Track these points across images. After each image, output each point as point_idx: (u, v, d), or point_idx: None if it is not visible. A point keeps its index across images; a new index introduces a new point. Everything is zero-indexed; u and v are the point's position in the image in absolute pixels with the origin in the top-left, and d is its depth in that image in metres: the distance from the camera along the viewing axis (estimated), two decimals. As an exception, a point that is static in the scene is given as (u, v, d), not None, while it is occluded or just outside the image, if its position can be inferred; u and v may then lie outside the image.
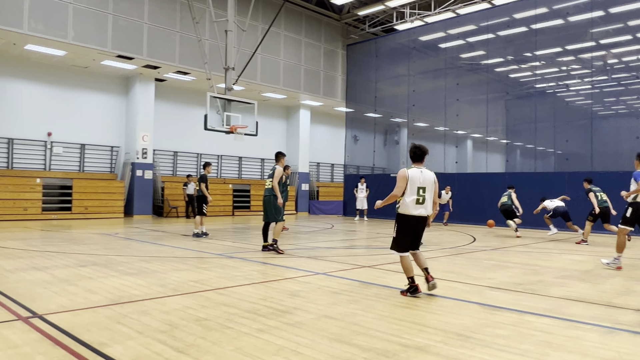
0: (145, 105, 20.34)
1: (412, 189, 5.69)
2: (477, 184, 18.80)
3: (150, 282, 6.26)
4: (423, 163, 5.88)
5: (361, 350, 3.74)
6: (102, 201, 18.99)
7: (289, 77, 22.78)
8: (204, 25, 18.77)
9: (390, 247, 6.04)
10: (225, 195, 22.98)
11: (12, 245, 9.89)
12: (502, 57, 20.27)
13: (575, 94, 18.99)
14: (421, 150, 5.86)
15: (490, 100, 19.82)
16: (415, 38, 22.15)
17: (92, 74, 19.85)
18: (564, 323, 4.66)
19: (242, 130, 15.43)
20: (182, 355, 3.58)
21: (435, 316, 4.83)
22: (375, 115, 23.96)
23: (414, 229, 5.83)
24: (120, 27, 17.32)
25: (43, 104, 18.65)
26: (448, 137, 21.08)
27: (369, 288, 6.17)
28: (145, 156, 20.21)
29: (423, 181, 5.72)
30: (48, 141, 18.79)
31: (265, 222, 9.77)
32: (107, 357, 3.51)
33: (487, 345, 3.92)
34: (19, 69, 18.03)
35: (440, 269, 7.84)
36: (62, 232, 13.20)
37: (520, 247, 11.43)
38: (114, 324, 4.35)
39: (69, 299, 5.29)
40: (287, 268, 7.72)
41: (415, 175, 5.71)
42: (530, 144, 19.42)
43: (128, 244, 10.70)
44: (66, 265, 7.48)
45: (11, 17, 14.90)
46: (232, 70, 16.27)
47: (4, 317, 4.53)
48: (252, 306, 5.07)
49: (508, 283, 6.69)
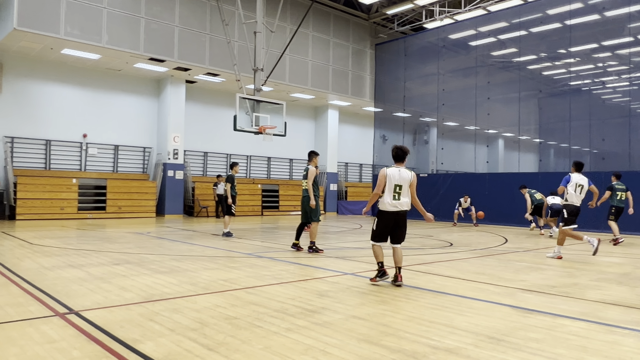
0: (176, 106, 20.72)
1: (390, 187, 6.29)
2: (509, 184, 18.41)
3: (181, 281, 6.37)
4: (403, 163, 6.48)
5: (390, 352, 3.71)
6: (135, 201, 19.43)
7: (317, 78, 22.82)
8: (233, 27, 18.99)
9: (370, 238, 6.66)
10: (254, 195, 23.19)
11: (50, 244, 10.22)
12: (535, 54, 19.80)
13: (612, 91, 18.41)
14: (402, 152, 6.47)
15: (522, 98, 19.39)
16: (445, 36, 21.87)
17: (125, 77, 20.34)
18: (600, 327, 4.52)
19: (271, 130, 15.54)
20: (212, 352, 3.63)
21: (466, 318, 4.75)
22: (404, 114, 23.76)
23: (392, 223, 6.39)
24: (152, 31, 17.69)
25: (78, 106, 19.21)
26: (479, 136, 20.73)
27: (398, 289, 6.12)
28: (176, 157, 20.59)
29: (399, 179, 6.31)
30: (83, 142, 19.35)
31: (302, 222, 9.79)
32: (139, 354, 3.58)
33: (520, 349, 3.83)
34: (56, 73, 18.63)
35: (470, 270, 7.72)
36: (97, 231, 13.56)
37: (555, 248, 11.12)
38: (147, 321, 4.44)
39: (104, 296, 5.43)
40: (316, 268, 7.73)
41: (394, 174, 6.33)
42: (564, 143, 18.90)
43: (160, 242, 10.91)
44: (101, 263, 7.68)
45: (49, 23, 15.41)
46: (261, 71, 16.42)
47: (42, 312, 4.68)
48: (281, 305, 5.10)
49: (541, 285, 6.53)
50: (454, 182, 19.99)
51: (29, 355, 3.49)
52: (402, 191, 6.31)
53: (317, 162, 9.93)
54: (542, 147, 20.48)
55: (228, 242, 11.28)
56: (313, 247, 9.47)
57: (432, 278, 6.96)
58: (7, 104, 17.56)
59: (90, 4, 16.26)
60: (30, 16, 15.04)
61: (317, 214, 9.56)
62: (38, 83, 18.27)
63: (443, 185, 20.50)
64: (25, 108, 17.98)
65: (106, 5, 16.63)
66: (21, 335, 3.96)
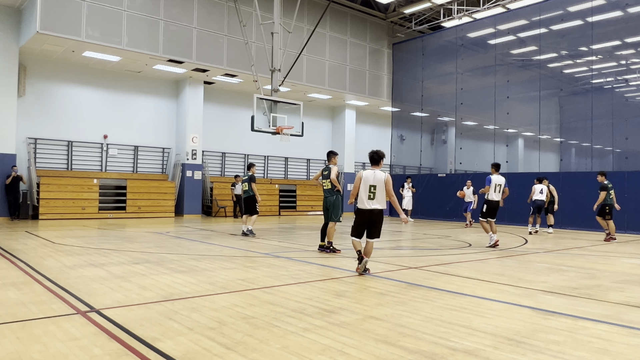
0: (195, 107, 20.92)
1: (365, 187, 6.94)
2: (529, 184, 18.12)
3: (199, 280, 6.43)
4: (379, 166, 7.12)
5: (407, 353, 3.69)
6: (154, 201, 19.67)
7: (335, 78, 22.81)
8: (250, 28, 19.10)
9: (350, 233, 7.28)
10: (272, 195, 23.28)
11: (72, 243, 10.40)
12: (556, 52, 19.51)
13: (635, 89, 18.03)
14: (378, 156, 7.14)
15: (543, 97, 19.11)
16: (463, 35, 21.67)
17: (145, 78, 20.61)
18: (623, 330, 4.43)
19: (288, 131, 15.58)
20: (230, 351, 3.65)
21: (485, 320, 4.69)
22: (422, 114, 23.61)
23: (367, 220, 7.00)
24: (170, 33, 17.89)
25: (99, 108, 19.53)
26: (498, 135, 20.49)
27: (416, 289, 6.08)
28: (194, 157, 20.78)
29: (374, 180, 6.93)
30: (104, 143, 19.65)
31: (325, 222, 9.80)
32: (159, 352, 3.62)
33: (540, 351, 3.77)
34: (77, 75, 18.96)
35: (489, 271, 7.64)
36: (117, 231, 13.76)
37: (576, 249, 10.96)
38: (166, 319, 4.48)
39: (124, 294, 5.51)
40: (333, 268, 7.73)
41: (369, 175, 6.99)
42: (586, 142, 18.57)
43: (179, 242, 11.02)
44: (121, 263, 7.79)
45: (70, 26, 15.70)
46: (278, 71, 16.47)
47: (64, 310, 4.77)
48: (298, 305, 5.11)
49: (562, 287, 6.42)
50: (472, 182, 19.78)
51: (51, 353, 3.56)
52: (377, 191, 6.91)
53: (337, 162, 9.98)
54: (563, 147, 20.15)
55: (246, 242, 11.34)
56: (330, 247, 9.47)
57: (451, 279, 6.90)
58: (30, 106, 17.94)
59: (111, 7, 16.51)
60: (53, 20, 15.33)
61: (338, 214, 9.54)
62: (60, 85, 18.62)
63: (462, 185, 20.29)
64: (48, 110, 18.34)
65: (126, 8, 16.87)
66: (44, 332, 4.04)
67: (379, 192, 6.93)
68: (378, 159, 7.12)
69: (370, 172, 7.02)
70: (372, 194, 6.90)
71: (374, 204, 6.91)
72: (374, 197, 6.90)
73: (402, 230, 16.06)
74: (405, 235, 14.29)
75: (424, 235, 14.21)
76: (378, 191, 6.91)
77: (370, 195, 6.90)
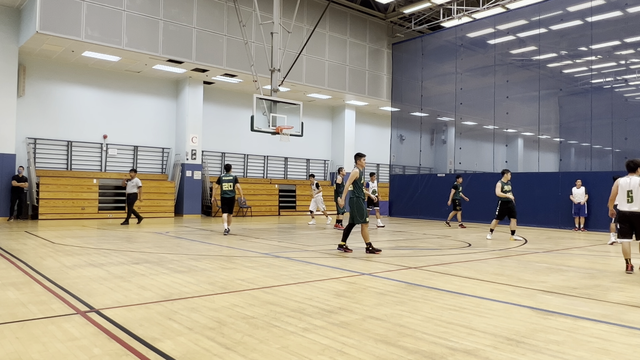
0: (194, 107, 20.91)
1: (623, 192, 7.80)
2: (528, 184, 18.16)
3: (199, 280, 6.43)
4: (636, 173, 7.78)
5: (407, 353, 3.69)
6: (154, 201, 19.64)
7: (334, 78, 22.81)
8: (250, 28, 19.10)
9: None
10: (271, 195, 23.27)
11: (71, 243, 10.40)
12: (555, 52, 19.50)
13: (635, 89, 18.03)
14: (634, 164, 7.86)
15: (542, 97, 19.11)
16: (462, 35, 21.67)
17: (144, 79, 20.60)
18: (623, 330, 4.43)
19: (288, 131, 15.59)
20: (229, 352, 3.65)
21: (485, 319, 4.70)
22: (422, 114, 23.61)
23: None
24: (170, 33, 17.88)
25: (99, 108, 19.52)
26: (497, 135, 20.49)
27: (416, 289, 6.08)
28: (194, 157, 20.77)
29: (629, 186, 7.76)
30: (103, 143, 19.64)
31: (349, 223, 9.81)
32: (159, 352, 3.62)
33: (540, 351, 3.78)
34: (77, 75, 18.95)
35: (489, 271, 7.64)
36: (117, 231, 13.75)
37: (576, 249, 10.97)
38: (165, 319, 4.49)
39: (123, 294, 5.51)
40: (333, 268, 7.73)
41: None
42: (585, 142, 18.57)
43: (178, 242, 11.02)
44: (120, 263, 7.79)
45: (70, 26, 15.69)
46: (278, 71, 16.47)
47: (64, 310, 4.77)
48: (298, 305, 5.11)
49: (562, 287, 6.43)
50: (472, 182, 19.79)
51: (51, 353, 3.56)
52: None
53: (364, 164, 9.60)
54: (563, 147, 20.15)
55: (245, 241, 11.35)
56: (369, 248, 9.53)
57: (450, 279, 6.90)
58: (30, 106, 17.93)
59: (110, 7, 16.50)
60: (52, 20, 15.32)
61: (364, 216, 9.49)
62: (59, 85, 18.60)
63: (461, 185, 20.29)
64: (47, 110, 18.33)
65: (125, 8, 16.86)
66: (44, 332, 4.04)
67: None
68: (634, 167, 7.80)
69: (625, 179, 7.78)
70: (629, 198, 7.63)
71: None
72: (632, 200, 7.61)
73: (402, 230, 16.06)
74: (405, 235, 14.29)
75: (423, 235, 14.21)
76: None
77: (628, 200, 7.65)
